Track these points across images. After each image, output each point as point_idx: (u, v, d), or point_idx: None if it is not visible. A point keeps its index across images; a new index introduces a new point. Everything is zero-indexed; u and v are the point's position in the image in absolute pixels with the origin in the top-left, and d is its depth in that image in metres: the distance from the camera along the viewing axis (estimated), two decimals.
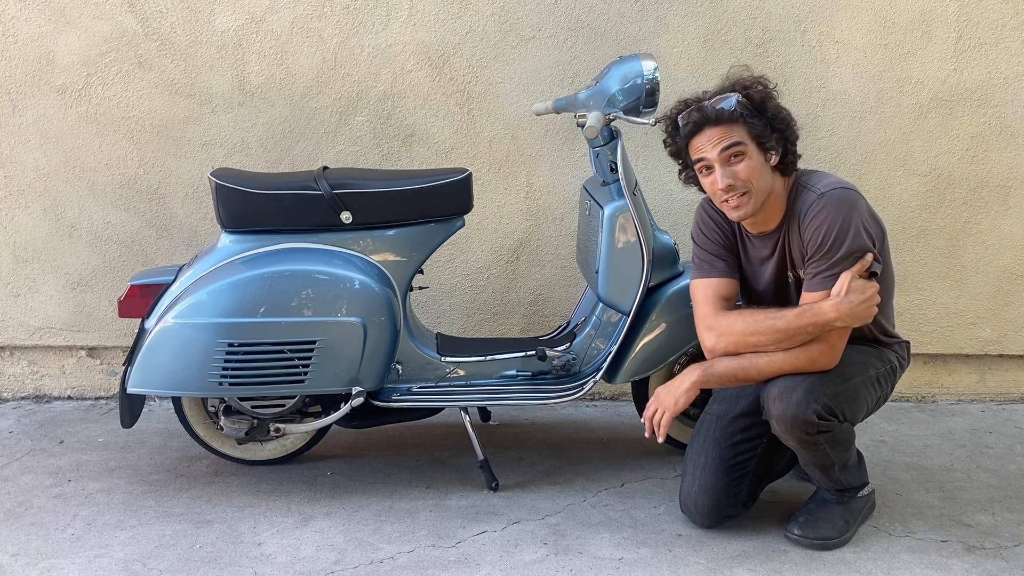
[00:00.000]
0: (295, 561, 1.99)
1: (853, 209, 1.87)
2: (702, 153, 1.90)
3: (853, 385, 1.95)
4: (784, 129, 1.93)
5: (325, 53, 2.76)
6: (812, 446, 1.94)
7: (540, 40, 2.77)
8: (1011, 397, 3.05)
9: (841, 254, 1.86)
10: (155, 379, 2.14)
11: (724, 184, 1.88)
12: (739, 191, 1.89)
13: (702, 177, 1.95)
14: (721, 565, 1.97)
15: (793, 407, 1.88)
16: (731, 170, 1.88)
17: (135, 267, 2.87)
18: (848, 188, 1.91)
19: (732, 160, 1.88)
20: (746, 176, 1.88)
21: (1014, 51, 2.77)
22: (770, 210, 1.96)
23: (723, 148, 1.87)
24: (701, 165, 1.93)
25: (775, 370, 1.92)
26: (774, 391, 1.92)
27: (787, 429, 1.91)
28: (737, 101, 1.88)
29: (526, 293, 2.96)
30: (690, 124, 1.91)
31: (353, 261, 2.20)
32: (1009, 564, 1.98)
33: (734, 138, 1.88)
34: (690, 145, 1.93)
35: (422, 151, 2.84)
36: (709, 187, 1.94)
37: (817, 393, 1.88)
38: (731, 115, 1.87)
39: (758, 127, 1.89)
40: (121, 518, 2.18)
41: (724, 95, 1.90)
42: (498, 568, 1.96)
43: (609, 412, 2.91)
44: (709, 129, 1.89)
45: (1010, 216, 2.88)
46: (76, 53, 2.74)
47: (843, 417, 1.93)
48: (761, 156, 1.90)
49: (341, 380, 2.18)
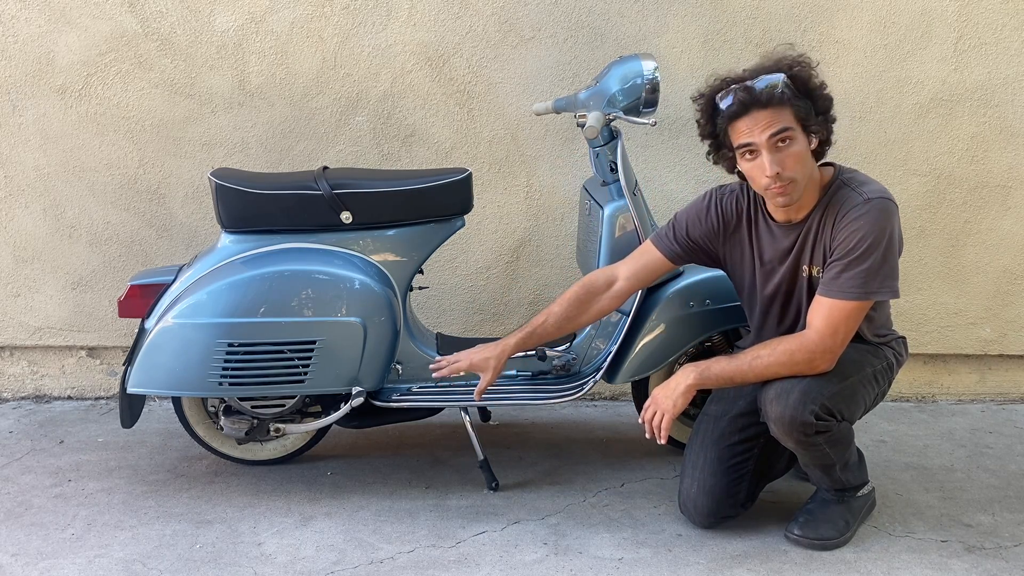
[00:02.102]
0: (295, 561, 1.99)
1: (890, 223, 1.83)
2: (748, 138, 1.81)
3: (850, 384, 1.93)
4: (828, 111, 1.87)
5: (325, 53, 2.76)
6: (811, 447, 1.94)
7: (540, 40, 2.77)
8: (1011, 397, 3.05)
9: (867, 265, 1.82)
10: (155, 379, 2.14)
11: (773, 171, 1.80)
12: (786, 180, 1.82)
13: (744, 161, 1.86)
14: (721, 565, 1.97)
15: (791, 409, 1.87)
16: (779, 156, 1.80)
17: (135, 267, 2.87)
18: (891, 200, 1.86)
19: (780, 146, 1.80)
20: (794, 163, 1.80)
21: (1014, 51, 2.77)
22: (806, 197, 1.89)
23: (773, 133, 1.78)
24: (745, 150, 1.84)
25: (772, 373, 1.91)
26: (771, 393, 1.91)
27: (785, 431, 1.91)
28: (784, 82, 1.80)
29: (526, 293, 2.96)
30: (735, 105, 1.80)
31: (353, 261, 2.20)
32: (1009, 564, 1.98)
33: (783, 123, 1.79)
34: (732, 127, 1.84)
35: (422, 151, 2.84)
36: (752, 172, 1.86)
37: (814, 394, 1.88)
38: (780, 97, 1.78)
39: (804, 110, 1.82)
40: (121, 518, 2.18)
41: (770, 75, 1.81)
42: (498, 568, 1.96)
43: (609, 412, 2.91)
44: (757, 112, 1.79)
45: (1010, 216, 2.88)
46: (76, 53, 2.74)
47: (841, 416, 1.92)
48: (806, 140, 1.83)
49: (341, 380, 2.18)
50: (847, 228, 1.84)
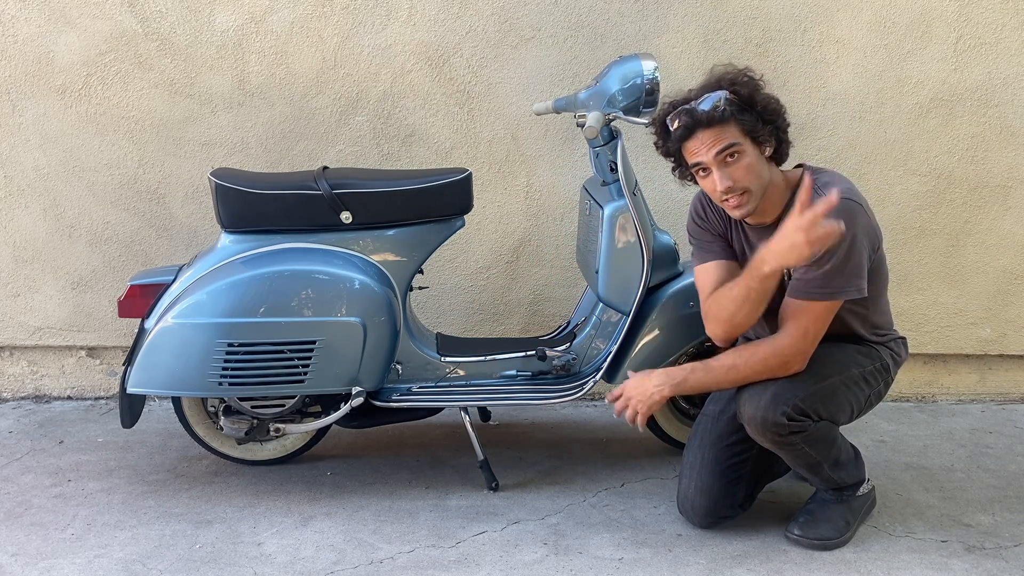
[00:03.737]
0: (295, 561, 1.99)
1: (853, 224, 1.82)
2: (698, 157, 1.87)
3: (830, 384, 1.93)
4: (775, 119, 1.89)
5: (325, 53, 2.76)
6: (788, 447, 1.94)
7: (540, 40, 2.77)
8: (1011, 397, 3.05)
9: (829, 267, 1.83)
10: (155, 379, 2.14)
11: (724, 186, 1.86)
12: (738, 191, 1.87)
13: (700, 179, 1.92)
14: (721, 565, 1.97)
15: (762, 410, 1.89)
16: (729, 171, 1.85)
17: (135, 267, 2.87)
18: (853, 199, 1.86)
19: (728, 161, 1.85)
20: (744, 175, 1.85)
21: (1014, 51, 2.77)
22: (769, 202, 1.93)
23: (719, 151, 1.84)
24: (698, 168, 1.90)
25: (749, 381, 1.92)
26: (745, 395, 1.94)
27: (759, 431, 1.92)
28: (725, 99, 1.84)
29: (526, 293, 2.96)
30: (681, 128, 1.87)
31: (353, 261, 2.20)
32: (1009, 564, 1.98)
33: (728, 139, 1.84)
34: (683, 148, 1.90)
35: (422, 151, 2.84)
36: (707, 188, 1.92)
37: (787, 395, 1.88)
38: (722, 115, 1.83)
39: (750, 122, 1.85)
40: (121, 518, 2.18)
41: (710, 94, 1.86)
42: (498, 568, 1.96)
43: (609, 412, 2.90)
44: (701, 132, 1.85)
45: (1010, 216, 2.88)
46: (76, 53, 2.74)
47: (818, 416, 1.92)
48: (756, 150, 1.87)
49: (341, 380, 2.18)
50: None
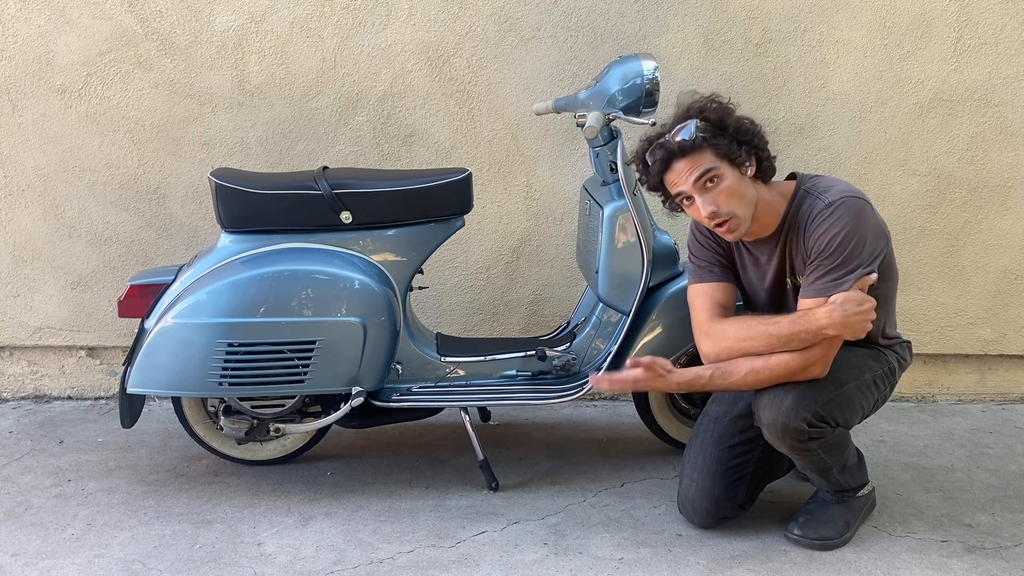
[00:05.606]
0: (295, 561, 1.99)
1: (861, 219, 1.85)
2: (678, 187, 1.90)
3: (847, 391, 1.94)
4: (751, 139, 1.91)
5: (325, 53, 2.76)
6: (805, 452, 1.94)
7: (540, 40, 2.77)
8: (1011, 397, 3.05)
9: (843, 264, 1.84)
10: (155, 379, 2.14)
11: (708, 212, 1.87)
12: (724, 216, 1.88)
13: (686, 208, 1.94)
14: (721, 565, 1.97)
15: (783, 415, 1.88)
16: (710, 196, 1.87)
17: (135, 267, 2.87)
18: (857, 197, 1.88)
19: (708, 186, 1.87)
20: (726, 199, 1.87)
21: (1014, 51, 2.77)
22: (764, 217, 1.94)
23: (696, 178, 1.86)
24: (681, 197, 1.92)
25: (762, 381, 1.91)
26: (765, 398, 1.92)
27: (778, 437, 1.92)
28: (696, 127, 1.87)
29: (526, 293, 2.96)
30: (657, 162, 1.90)
31: (353, 261, 2.20)
32: (1009, 564, 1.98)
33: (704, 165, 1.86)
34: (664, 181, 1.93)
35: (422, 151, 2.84)
36: (695, 215, 1.94)
37: (808, 401, 1.88)
38: (693, 144, 1.86)
39: (724, 146, 1.87)
40: (121, 518, 2.18)
41: (682, 125, 1.88)
42: (498, 568, 1.96)
43: (609, 412, 2.91)
44: (677, 163, 1.88)
45: (1010, 216, 2.88)
46: (76, 53, 2.74)
47: (836, 423, 1.93)
48: (736, 172, 1.89)
49: (341, 380, 2.18)
50: (816, 233, 1.87)
